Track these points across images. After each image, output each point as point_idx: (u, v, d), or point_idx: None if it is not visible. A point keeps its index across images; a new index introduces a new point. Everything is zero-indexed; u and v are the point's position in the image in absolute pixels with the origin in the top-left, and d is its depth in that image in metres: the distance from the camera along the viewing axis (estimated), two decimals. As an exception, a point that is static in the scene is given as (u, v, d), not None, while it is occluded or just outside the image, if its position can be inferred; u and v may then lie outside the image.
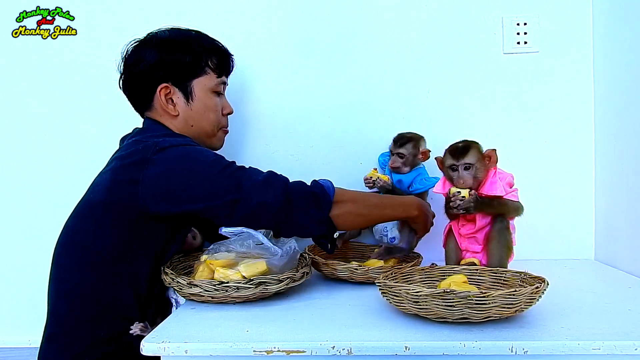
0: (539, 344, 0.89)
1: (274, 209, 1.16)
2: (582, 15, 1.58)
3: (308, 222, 1.20)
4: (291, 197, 1.17)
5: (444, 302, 0.93)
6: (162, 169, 1.15)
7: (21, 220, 1.67)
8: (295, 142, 1.64)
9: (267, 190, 1.16)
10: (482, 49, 1.61)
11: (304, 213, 1.18)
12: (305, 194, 1.19)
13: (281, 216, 1.17)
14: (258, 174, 1.20)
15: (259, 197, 1.15)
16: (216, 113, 1.36)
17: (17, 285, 1.66)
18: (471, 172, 1.29)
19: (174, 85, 1.30)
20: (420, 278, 1.19)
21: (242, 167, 1.21)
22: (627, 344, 0.88)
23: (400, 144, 1.46)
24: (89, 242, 1.18)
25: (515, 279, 1.12)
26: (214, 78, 1.34)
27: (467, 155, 1.29)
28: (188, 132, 1.32)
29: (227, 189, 1.15)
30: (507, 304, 0.93)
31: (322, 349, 0.90)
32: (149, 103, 1.32)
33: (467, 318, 0.94)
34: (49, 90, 1.66)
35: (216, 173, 1.16)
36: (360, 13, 1.63)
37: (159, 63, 1.28)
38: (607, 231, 1.55)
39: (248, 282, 1.12)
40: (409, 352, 0.89)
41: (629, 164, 1.41)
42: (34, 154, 1.67)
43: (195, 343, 0.92)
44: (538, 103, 1.60)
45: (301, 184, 1.22)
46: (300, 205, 1.18)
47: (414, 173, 1.47)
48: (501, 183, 1.29)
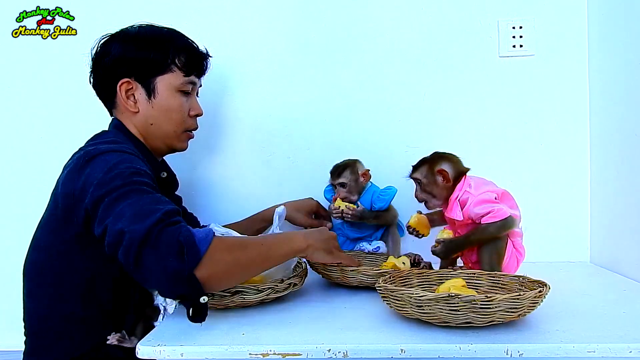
0: (534, 347, 0.89)
1: (128, 243, 0.94)
2: (577, 18, 1.59)
3: (161, 275, 0.94)
4: (152, 237, 0.94)
5: (448, 307, 0.93)
6: (84, 180, 1.06)
7: (16, 221, 1.66)
8: (292, 145, 1.65)
9: (135, 220, 0.96)
10: (478, 53, 1.61)
11: (159, 261, 0.94)
12: (169, 242, 0.95)
13: (132, 255, 0.94)
14: (150, 203, 1.00)
15: (121, 224, 0.96)
16: (180, 113, 1.30)
17: (9, 286, 1.65)
18: (422, 186, 1.31)
19: (137, 81, 1.26)
20: (419, 282, 1.19)
21: (143, 190, 1.03)
22: (622, 347, 0.88)
23: (338, 174, 1.46)
24: (43, 256, 1.16)
25: (513, 283, 1.11)
26: (180, 77, 1.29)
27: (415, 171, 1.32)
28: (147, 131, 1.29)
29: (110, 208, 1.00)
30: (511, 308, 0.93)
31: (317, 352, 0.90)
32: (113, 99, 1.29)
33: (470, 323, 0.94)
34: (49, 90, 1.66)
35: (111, 190, 1.02)
36: (357, 16, 1.63)
37: (122, 58, 1.24)
38: (603, 234, 1.55)
39: (224, 290, 1.09)
40: (405, 355, 0.89)
41: (624, 166, 1.42)
42: (34, 154, 1.67)
43: (191, 346, 0.91)
44: (533, 106, 1.61)
45: (175, 229, 0.97)
46: (157, 251, 0.94)
47: (368, 194, 1.47)
48: (463, 208, 1.26)
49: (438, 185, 1.29)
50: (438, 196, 1.30)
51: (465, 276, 1.18)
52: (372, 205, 1.47)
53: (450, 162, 1.31)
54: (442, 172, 1.28)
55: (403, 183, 1.50)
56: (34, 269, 1.18)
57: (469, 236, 1.26)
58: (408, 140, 1.63)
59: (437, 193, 1.30)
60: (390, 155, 1.60)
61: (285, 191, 1.62)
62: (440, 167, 1.29)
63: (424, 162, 1.32)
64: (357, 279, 1.26)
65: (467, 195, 1.26)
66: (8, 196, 1.68)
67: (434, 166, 1.30)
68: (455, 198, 1.27)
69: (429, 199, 1.31)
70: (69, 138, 1.64)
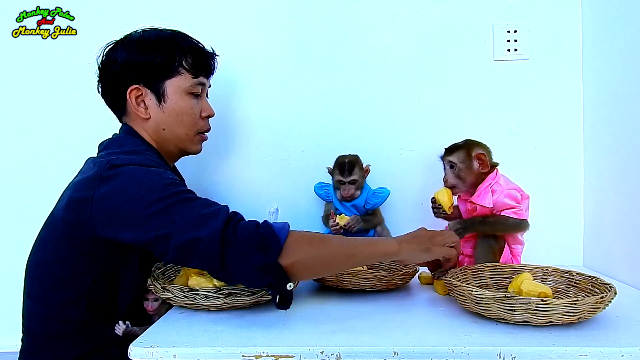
0: (527, 350, 0.89)
1: (207, 249, 0.98)
2: (571, 23, 1.60)
3: (249, 269, 0.99)
4: (230, 237, 0.98)
5: (505, 306, 0.97)
6: (109, 190, 1.06)
7: (15, 222, 1.66)
8: (286, 147, 1.65)
9: (201, 226, 0.99)
10: (473, 56, 1.62)
11: (244, 257, 0.98)
12: (249, 235, 0.99)
13: (215, 258, 0.98)
14: (202, 207, 1.03)
15: (190, 233, 0.98)
16: (191, 116, 1.29)
17: (5, 288, 1.64)
18: (455, 171, 1.31)
19: (146, 86, 1.24)
20: (491, 274, 1.23)
21: (187, 199, 1.05)
22: (614, 350, 0.89)
23: (349, 171, 1.47)
24: (49, 260, 1.14)
25: (586, 283, 1.14)
26: (189, 79, 1.27)
27: (452, 154, 1.32)
28: (160, 137, 1.27)
29: (162, 222, 1.01)
30: (568, 312, 0.95)
31: (311, 354, 0.90)
32: (123, 106, 1.27)
33: (527, 322, 0.97)
34: (49, 91, 1.66)
35: (153, 201, 1.02)
36: (352, 19, 1.64)
37: (129, 64, 1.22)
38: (596, 238, 1.56)
39: (217, 291, 1.10)
40: (398, 357, 0.89)
41: (618, 170, 1.43)
42: (33, 154, 1.66)
43: (184, 348, 0.91)
44: (528, 110, 1.61)
45: (249, 223, 1.02)
46: (240, 247, 0.98)
47: (364, 191, 1.49)
48: (492, 196, 1.28)
49: (472, 170, 1.30)
50: (468, 182, 1.30)
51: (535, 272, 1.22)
52: (366, 202, 1.48)
53: (486, 150, 1.33)
54: (481, 157, 1.29)
55: (395, 187, 1.52)
56: (37, 269, 1.17)
57: (487, 218, 1.27)
58: (403, 143, 1.63)
59: (468, 179, 1.30)
60: (385, 157, 1.60)
61: (279, 193, 1.62)
62: (479, 152, 1.30)
63: (460, 146, 1.32)
64: (351, 282, 1.25)
65: (497, 187, 1.29)
66: (5, 196, 1.67)
67: (471, 151, 1.31)
68: (487, 186, 1.28)
69: (458, 184, 1.31)
70: (68, 138, 1.65)
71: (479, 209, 1.29)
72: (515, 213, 1.27)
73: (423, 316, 1.11)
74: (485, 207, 1.28)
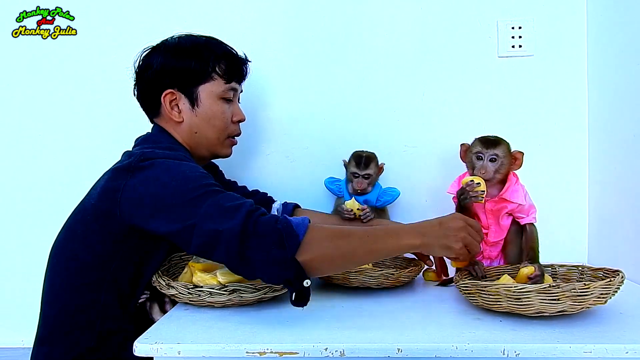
0: (531, 347, 0.89)
1: (227, 241, 0.99)
2: (576, 19, 1.59)
3: (266, 264, 0.99)
4: (250, 230, 0.99)
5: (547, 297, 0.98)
6: (140, 180, 1.10)
7: (17, 220, 1.66)
8: (290, 144, 1.65)
9: (224, 218, 1.00)
10: (477, 53, 1.61)
11: (263, 251, 0.99)
12: (268, 231, 0.99)
13: (234, 251, 0.99)
14: (227, 200, 1.04)
15: (212, 224, 1.00)
16: (223, 120, 1.33)
17: (10, 284, 1.65)
18: (495, 165, 1.29)
19: (180, 91, 1.28)
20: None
21: (215, 191, 1.07)
22: (618, 347, 0.88)
23: (365, 165, 1.47)
24: (77, 246, 1.16)
25: (595, 274, 1.18)
26: (221, 84, 1.31)
27: (497, 147, 1.29)
28: (192, 140, 1.31)
29: (189, 213, 1.03)
30: (577, 299, 0.97)
31: (314, 351, 0.90)
32: (157, 109, 1.31)
33: (541, 312, 0.99)
34: (49, 91, 1.66)
35: (183, 192, 1.05)
36: (356, 16, 1.63)
37: (164, 69, 1.27)
38: (601, 235, 1.55)
39: (222, 288, 1.11)
40: (401, 354, 0.89)
41: (623, 167, 1.42)
42: (33, 154, 1.66)
43: (188, 344, 0.92)
44: (532, 106, 1.61)
45: (270, 218, 1.02)
46: (259, 241, 0.99)
47: (376, 188, 1.50)
48: (523, 193, 1.30)
49: (508, 167, 1.30)
50: (499, 178, 1.30)
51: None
52: (378, 199, 1.49)
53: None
54: (518, 156, 1.30)
55: (398, 183, 1.52)
56: (63, 254, 1.19)
57: (534, 244, 1.29)
58: (407, 139, 1.63)
59: (501, 174, 1.29)
60: (389, 154, 1.60)
61: (283, 189, 1.62)
62: (518, 151, 1.30)
63: (503, 141, 1.31)
64: (358, 280, 1.25)
65: (520, 187, 1.31)
66: (4, 196, 1.67)
67: (510, 149, 1.31)
68: (516, 182, 1.30)
69: (494, 178, 1.30)
70: (69, 138, 1.66)
71: (510, 206, 1.30)
72: (534, 218, 1.31)
73: (427, 313, 1.11)
74: (519, 205, 1.29)
